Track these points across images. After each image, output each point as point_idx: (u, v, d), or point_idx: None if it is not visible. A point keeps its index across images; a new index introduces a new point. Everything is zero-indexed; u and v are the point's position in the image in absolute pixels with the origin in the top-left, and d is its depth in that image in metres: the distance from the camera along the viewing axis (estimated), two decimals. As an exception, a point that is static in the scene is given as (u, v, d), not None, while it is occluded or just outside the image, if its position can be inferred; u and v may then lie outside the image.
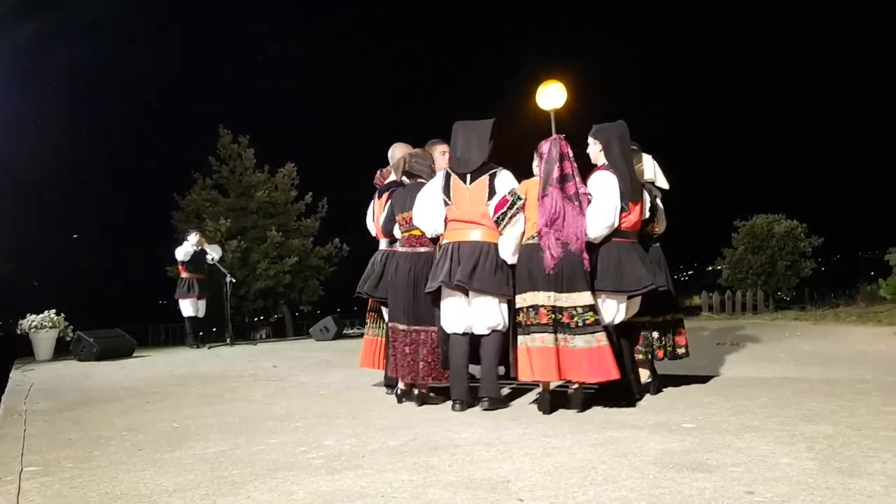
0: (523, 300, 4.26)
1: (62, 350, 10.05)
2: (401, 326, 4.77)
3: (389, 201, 5.08)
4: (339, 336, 11.49)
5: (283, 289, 17.48)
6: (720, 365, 6.26)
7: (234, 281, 11.44)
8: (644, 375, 4.80)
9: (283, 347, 10.72)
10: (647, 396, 4.66)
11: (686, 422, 3.79)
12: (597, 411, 4.24)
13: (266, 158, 18.38)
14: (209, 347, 10.76)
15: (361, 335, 11.90)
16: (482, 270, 4.40)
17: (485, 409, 4.35)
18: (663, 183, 4.97)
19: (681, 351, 4.92)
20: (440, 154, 5.02)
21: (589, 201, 4.32)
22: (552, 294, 4.16)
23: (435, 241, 4.77)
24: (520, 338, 4.25)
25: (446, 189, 4.62)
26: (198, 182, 17.99)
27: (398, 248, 4.97)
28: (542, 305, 4.17)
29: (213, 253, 11.13)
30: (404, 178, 5.06)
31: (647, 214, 4.68)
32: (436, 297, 4.63)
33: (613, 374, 4.10)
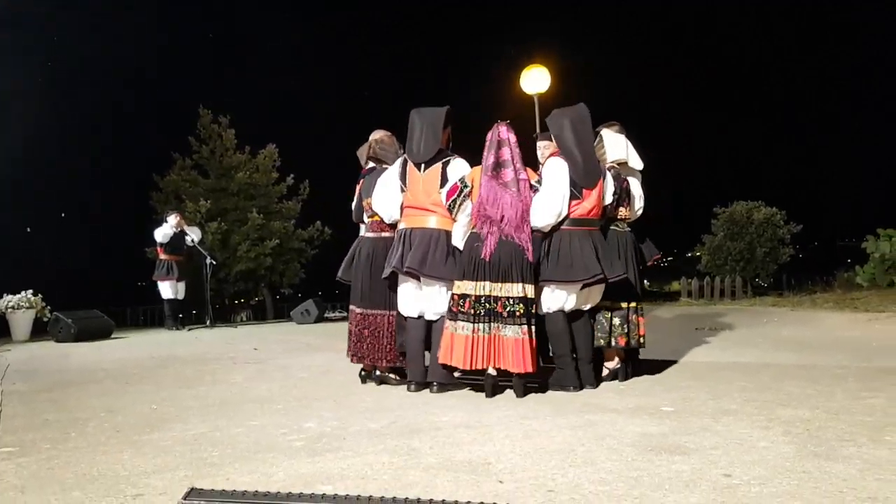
0: (457, 287, 4.27)
1: (40, 330, 9.95)
2: (357, 309, 4.89)
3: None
4: (320, 319, 11.45)
5: (264, 271, 17.37)
6: (699, 350, 6.31)
7: (214, 263, 11.36)
8: (612, 363, 4.75)
9: (263, 330, 10.68)
10: (623, 381, 4.68)
11: (665, 405, 3.82)
12: (577, 395, 4.26)
13: (289, 164, 18.33)
14: (189, 329, 10.69)
15: (343, 318, 11.89)
16: (433, 257, 4.45)
17: (433, 393, 4.43)
18: (637, 163, 4.89)
19: (640, 339, 4.80)
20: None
21: (533, 188, 4.33)
22: (487, 283, 4.17)
23: (394, 226, 4.80)
24: (447, 323, 4.27)
25: (402, 176, 4.66)
26: (177, 162, 17.80)
27: (366, 233, 5.04)
28: (470, 295, 4.18)
29: (193, 235, 11.04)
30: (372, 164, 5.10)
31: (610, 199, 4.60)
32: (393, 281, 4.69)
33: (530, 367, 4.14)
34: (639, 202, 4.95)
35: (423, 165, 4.59)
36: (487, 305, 4.16)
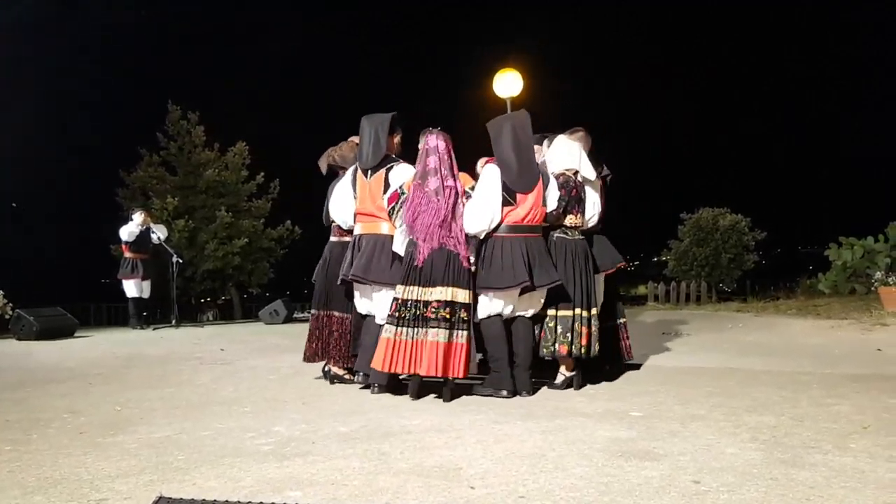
0: (396, 292, 4.32)
1: (1, 329, 9.74)
2: (314, 311, 5.08)
3: None
4: (288, 320, 11.35)
5: (232, 270, 17.21)
6: (666, 354, 6.37)
7: (180, 261, 11.21)
8: (568, 370, 4.65)
9: (230, 330, 10.56)
10: (576, 389, 4.60)
11: (634, 410, 3.85)
12: (547, 399, 4.27)
13: (267, 161, 18.22)
14: (154, 329, 10.54)
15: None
16: (377, 263, 4.55)
17: (374, 394, 4.51)
18: (589, 173, 4.79)
19: (593, 349, 4.62)
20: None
21: (466, 195, 4.41)
22: (417, 288, 4.24)
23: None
24: (384, 327, 4.31)
25: (353, 183, 4.76)
26: (144, 158, 17.56)
27: (332, 237, 5.16)
28: (409, 300, 4.23)
29: (159, 232, 10.88)
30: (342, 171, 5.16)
31: (554, 206, 4.55)
32: (350, 286, 4.80)
33: (459, 371, 4.20)
34: (592, 210, 4.88)
35: (369, 172, 4.67)
36: (415, 310, 4.20)
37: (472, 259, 4.35)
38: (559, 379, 4.67)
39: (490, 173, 4.44)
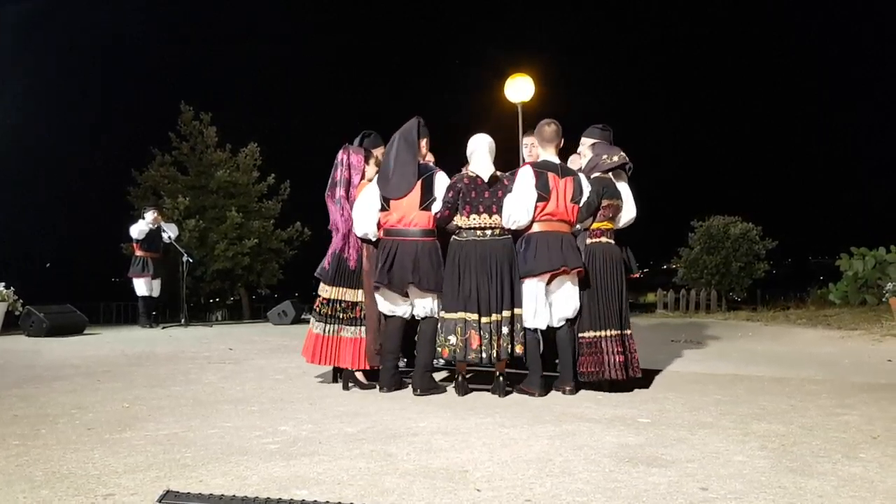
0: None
1: (11, 325, 9.77)
2: None
3: None
4: (297, 321, 11.36)
5: (242, 271, 17.25)
6: (674, 361, 6.35)
7: (191, 260, 11.23)
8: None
9: (239, 330, 10.58)
10: (501, 396, 4.49)
11: (641, 416, 3.83)
12: (555, 403, 4.26)
13: (270, 164, 18.28)
14: (163, 328, 10.57)
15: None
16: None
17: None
18: (483, 172, 4.53)
19: (491, 354, 4.40)
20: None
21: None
22: (330, 288, 4.83)
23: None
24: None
25: None
26: (156, 158, 17.63)
27: None
28: (324, 297, 4.84)
29: (170, 231, 10.91)
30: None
31: (438, 208, 4.53)
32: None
33: (346, 363, 4.76)
34: (508, 209, 4.52)
35: None
36: (328, 309, 4.81)
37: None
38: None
39: (371, 183, 4.80)
